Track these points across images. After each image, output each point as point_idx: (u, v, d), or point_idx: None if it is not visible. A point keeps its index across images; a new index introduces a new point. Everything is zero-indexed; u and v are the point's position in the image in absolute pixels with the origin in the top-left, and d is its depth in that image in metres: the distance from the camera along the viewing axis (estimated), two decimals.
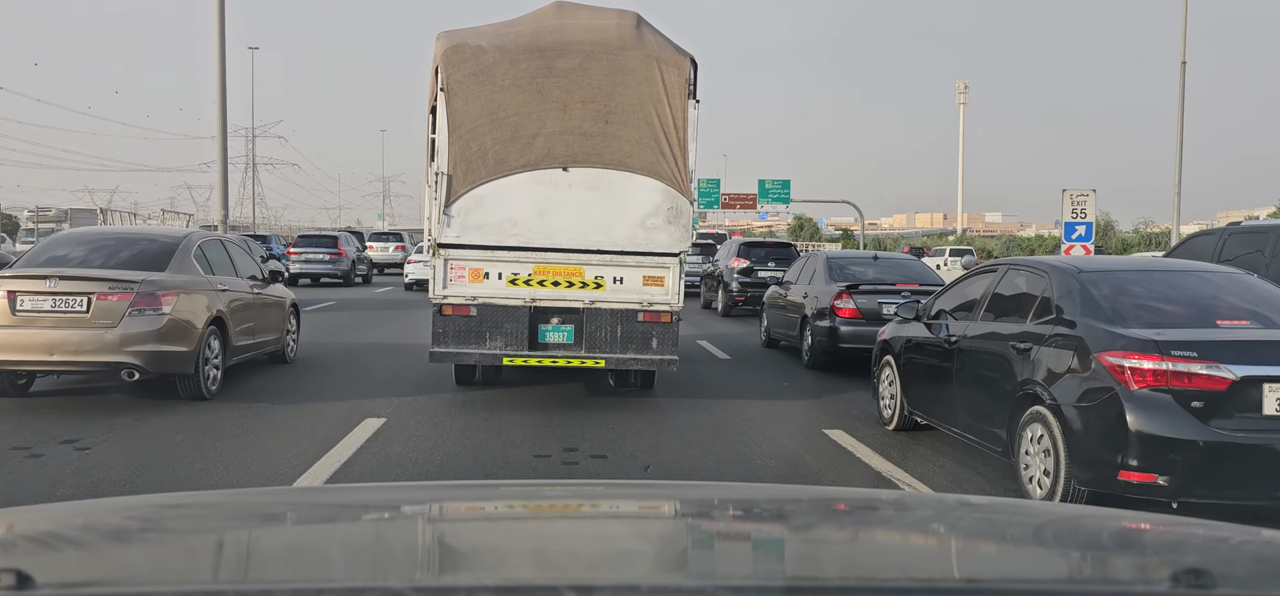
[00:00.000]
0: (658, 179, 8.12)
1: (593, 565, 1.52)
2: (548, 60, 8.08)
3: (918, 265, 12.44)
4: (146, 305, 7.74)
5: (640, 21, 8.55)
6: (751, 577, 1.48)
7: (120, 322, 7.61)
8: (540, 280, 8.21)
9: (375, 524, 1.79)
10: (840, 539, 1.80)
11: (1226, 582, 1.40)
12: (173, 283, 8.12)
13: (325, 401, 8.42)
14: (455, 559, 1.58)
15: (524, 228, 8.09)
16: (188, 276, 8.47)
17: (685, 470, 6.43)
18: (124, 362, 7.63)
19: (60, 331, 7.51)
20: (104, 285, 7.67)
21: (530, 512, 1.97)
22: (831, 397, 9.47)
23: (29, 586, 1.12)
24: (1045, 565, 1.64)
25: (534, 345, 8.28)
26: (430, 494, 2.37)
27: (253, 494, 2.70)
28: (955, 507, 2.21)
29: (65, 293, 7.58)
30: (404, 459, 6.43)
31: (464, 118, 8.02)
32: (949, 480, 6.31)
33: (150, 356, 7.72)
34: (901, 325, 7.92)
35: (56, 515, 1.78)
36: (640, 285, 8.28)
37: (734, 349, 13.33)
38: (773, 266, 18.76)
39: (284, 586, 1.26)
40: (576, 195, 8.04)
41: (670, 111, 8.14)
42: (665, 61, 8.21)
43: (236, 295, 9.28)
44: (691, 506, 2.09)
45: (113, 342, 7.55)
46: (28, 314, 7.55)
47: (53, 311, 7.56)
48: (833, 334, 10.83)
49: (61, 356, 7.53)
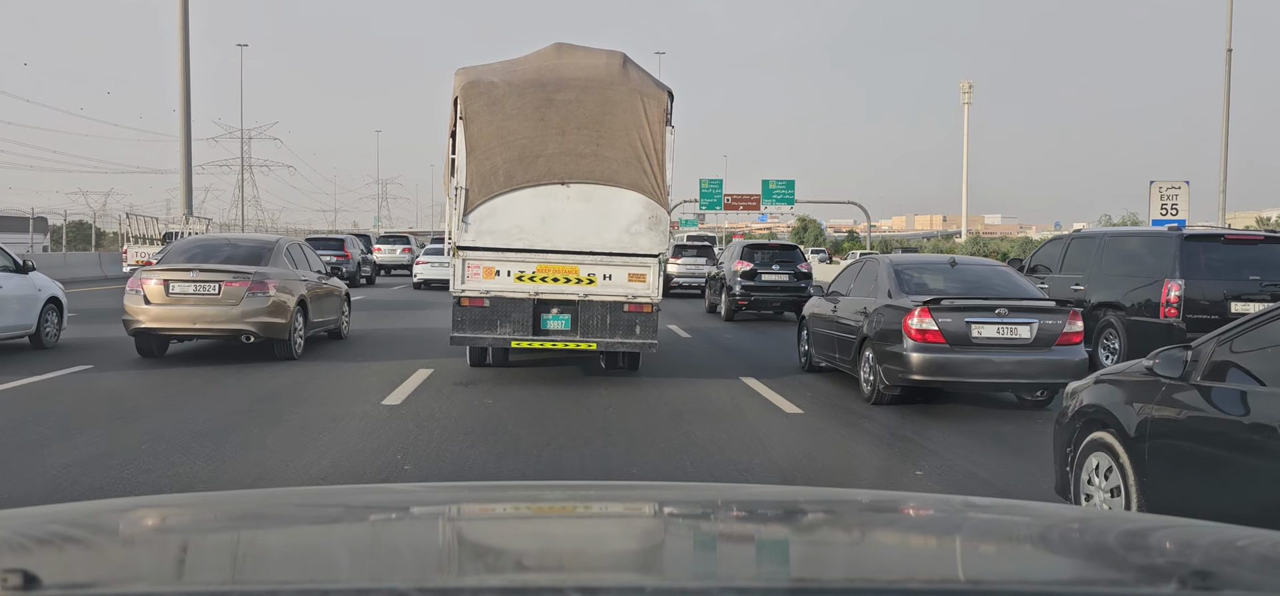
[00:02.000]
0: (640, 193, 9.66)
1: (597, 566, 1.55)
2: (549, 93, 9.64)
3: (1010, 275, 9.90)
4: (258, 289, 10.65)
5: (626, 61, 10.11)
6: (756, 578, 1.48)
7: (241, 302, 10.54)
8: (542, 277, 9.68)
9: (379, 525, 1.83)
10: (845, 540, 1.82)
11: (1232, 584, 1.41)
12: (273, 274, 11.02)
13: (383, 360, 11.23)
14: (460, 559, 1.61)
15: (529, 233, 9.60)
16: (282, 269, 11.37)
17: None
18: (244, 330, 10.58)
19: (200, 307, 10.47)
20: (229, 275, 10.59)
21: (534, 513, 1.99)
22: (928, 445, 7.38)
23: (35, 587, 1.14)
24: (1050, 567, 1.66)
25: (537, 331, 9.73)
26: (434, 495, 2.42)
27: (257, 494, 2.67)
28: (960, 509, 2.21)
29: (204, 280, 10.52)
30: (456, 389, 9.24)
31: (479, 141, 9.54)
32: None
33: (262, 325, 10.64)
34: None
35: (62, 515, 1.80)
36: (626, 281, 9.74)
37: (760, 366, 11.45)
38: (777, 269, 18.60)
39: (288, 587, 1.27)
40: (573, 206, 9.61)
41: (651, 136, 9.69)
42: (647, 94, 9.78)
43: (311, 284, 12.17)
44: (696, 507, 2.11)
45: (237, 315, 10.50)
46: (177, 295, 10.50)
47: (195, 294, 10.50)
48: (906, 361, 8.45)
49: (202, 325, 10.50)
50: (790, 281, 18.78)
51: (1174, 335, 10.38)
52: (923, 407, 8.89)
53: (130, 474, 5.89)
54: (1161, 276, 10.89)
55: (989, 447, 7.33)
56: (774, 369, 11.40)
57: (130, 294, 10.71)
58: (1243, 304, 10.58)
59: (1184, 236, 11.16)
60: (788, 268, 18.60)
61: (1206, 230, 12.65)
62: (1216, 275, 10.80)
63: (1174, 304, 10.67)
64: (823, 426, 8.13)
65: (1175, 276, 10.74)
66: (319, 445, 6.86)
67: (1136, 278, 11.40)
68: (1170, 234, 11.48)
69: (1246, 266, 10.94)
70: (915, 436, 7.70)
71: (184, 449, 6.59)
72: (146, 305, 10.51)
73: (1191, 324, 10.47)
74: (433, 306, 20.01)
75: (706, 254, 27.40)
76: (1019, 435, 7.85)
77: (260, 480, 5.87)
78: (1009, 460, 6.97)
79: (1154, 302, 10.91)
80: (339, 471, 6.14)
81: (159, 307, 10.45)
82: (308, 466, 6.25)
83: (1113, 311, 11.54)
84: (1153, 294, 10.94)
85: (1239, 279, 10.83)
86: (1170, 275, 10.80)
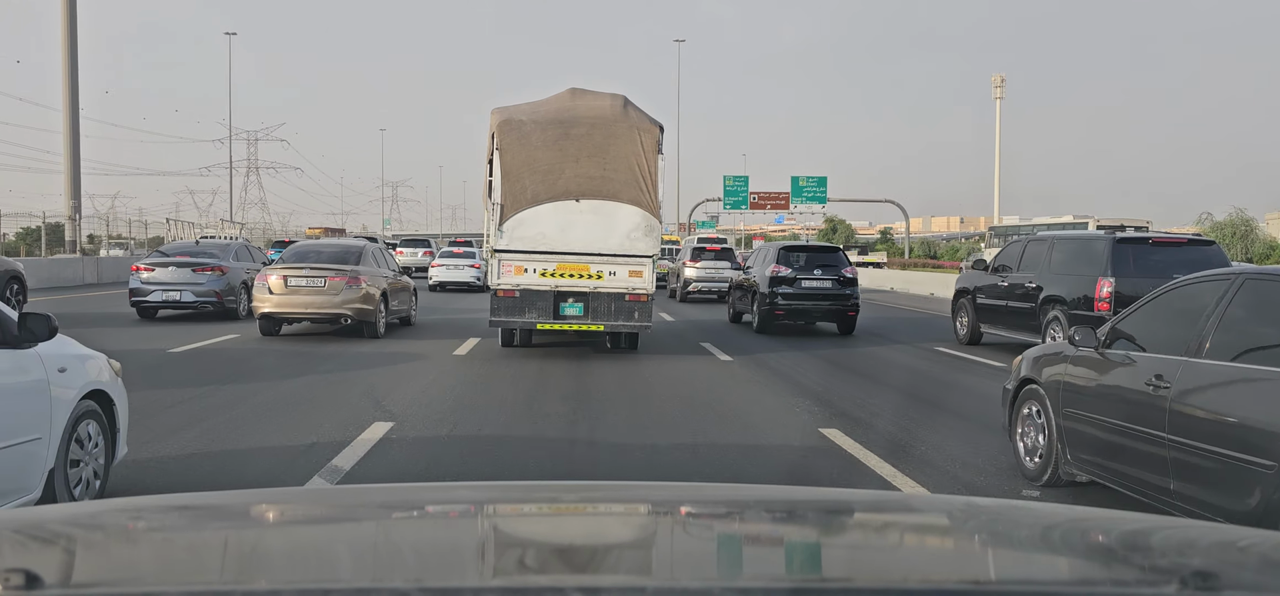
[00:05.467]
0: (637, 206, 12.10)
1: (598, 566, 1.56)
2: (566, 129, 12.16)
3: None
4: (354, 283, 14.16)
5: (626, 102, 12.62)
6: (757, 578, 1.50)
7: (341, 292, 14.06)
8: (561, 273, 12.09)
9: (381, 524, 1.85)
10: (846, 540, 1.86)
11: (1233, 585, 1.42)
12: (364, 271, 14.56)
13: (440, 338, 14.72)
14: (461, 559, 1.63)
15: (550, 238, 12.02)
16: (369, 268, 14.87)
17: None
18: (344, 314, 14.16)
19: (311, 296, 14.05)
20: (333, 271, 14.12)
21: (536, 513, 2.01)
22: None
23: (37, 586, 1.15)
24: (1051, 567, 1.67)
25: (556, 316, 12.18)
26: (436, 495, 2.47)
27: (258, 495, 2.80)
28: (960, 509, 2.24)
29: (313, 275, 14.07)
30: (493, 350, 12.77)
31: (511, 167, 12.01)
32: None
33: (358, 311, 14.19)
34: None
35: (63, 515, 1.80)
36: (627, 276, 12.15)
37: (849, 413, 8.61)
38: (819, 274, 16.57)
39: (290, 587, 1.28)
40: (584, 217, 12.07)
41: (646, 162, 12.19)
42: (642, 129, 12.29)
43: (389, 279, 15.61)
44: (697, 507, 2.12)
45: (339, 303, 14.07)
46: (293, 287, 14.08)
47: (307, 286, 14.05)
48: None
49: (313, 310, 14.10)
50: (833, 288, 16.60)
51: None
52: None
53: (317, 390, 9.32)
54: (1096, 275, 12.38)
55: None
56: (883, 418, 8.64)
57: (258, 286, 14.33)
58: None
59: (1115, 239, 12.56)
60: (830, 273, 16.67)
61: (1136, 234, 13.85)
62: (1144, 273, 11.75)
63: (1106, 298, 12.01)
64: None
65: (1107, 274, 12.20)
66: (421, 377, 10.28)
67: (1076, 275, 12.86)
68: (1104, 236, 12.85)
69: (1173, 266, 11.38)
70: None
71: (350, 382, 10.02)
72: (269, 294, 14.08)
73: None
74: (460, 299, 23.39)
75: (727, 257, 26.56)
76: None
77: (385, 399, 9.25)
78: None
79: (1090, 297, 12.36)
80: (452, 369, 9.70)
81: (279, 297, 14.00)
82: (437, 370, 9.70)
83: (1058, 305, 12.94)
84: (1089, 290, 12.41)
85: (1164, 276, 11.68)
86: (1103, 274, 12.26)
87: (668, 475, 6.45)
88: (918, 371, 12.52)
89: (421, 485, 4.31)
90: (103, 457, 5.36)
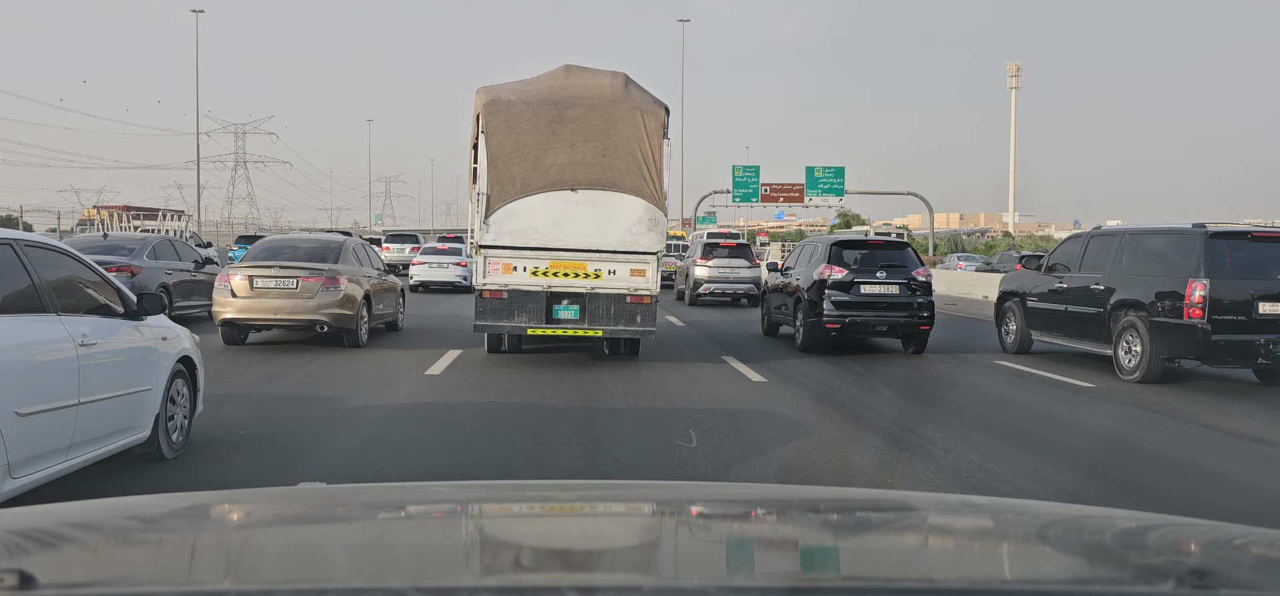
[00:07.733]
0: (640, 197, 10.85)
1: (595, 566, 1.56)
2: (560, 110, 10.82)
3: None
4: (331, 284, 12.69)
5: (628, 81, 11.29)
6: (754, 578, 1.51)
7: (316, 295, 12.59)
8: (554, 272, 10.84)
9: (377, 524, 1.86)
10: (843, 539, 1.86)
11: (1230, 583, 1.43)
12: (343, 270, 13.06)
13: (424, 348, 13.12)
14: (458, 559, 1.64)
15: (542, 233, 10.77)
16: (350, 267, 13.41)
17: None
18: (320, 320, 12.59)
19: (280, 300, 12.56)
20: (306, 271, 12.64)
21: (532, 513, 2.02)
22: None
23: (32, 586, 1.14)
24: (1049, 566, 1.68)
25: (549, 320, 10.87)
26: (433, 494, 2.45)
27: (255, 494, 2.81)
28: (958, 508, 2.27)
29: (283, 276, 12.60)
30: (473, 365, 11.29)
31: (498, 153, 10.71)
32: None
33: (335, 316, 12.66)
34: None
35: (58, 515, 1.81)
36: (628, 276, 10.88)
37: None
38: (883, 277, 13.15)
39: (286, 586, 1.28)
40: (581, 210, 10.79)
41: (650, 148, 10.91)
42: (646, 110, 10.98)
43: (373, 280, 14.17)
44: (694, 506, 2.13)
45: (313, 307, 12.55)
46: (260, 289, 12.58)
47: (276, 288, 12.59)
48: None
49: (282, 315, 12.59)
50: (902, 295, 13.22)
51: (1198, 337, 10.40)
52: None
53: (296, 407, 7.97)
54: (1186, 275, 10.66)
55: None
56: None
57: (219, 288, 12.69)
58: (1271, 304, 10.42)
59: (1209, 233, 10.78)
60: (897, 275, 13.25)
61: (1232, 228, 11.69)
62: (1243, 274, 10.58)
63: (1199, 304, 10.42)
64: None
65: (1200, 275, 10.49)
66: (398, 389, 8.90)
67: (1158, 276, 11.18)
68: (1194, 230, 10.98)
69: (1274, 265, 10.65)
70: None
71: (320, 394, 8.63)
72: (232, 298, 12.47)
73: (1217, 325, 10.37)
74: (448, 299, 21.58)
75: (744, 253, 23.77)
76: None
77: (361, 410, 7.95)
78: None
79: (1178, 301, 10.67)
80: (413, 399, 8.40)
81: (243, 300, 12.50)
82: (389, 401, 8.38)
83: (1134, 310, 11.29)
84: (1176, 292, 10.73)
85: (1266, 278, 10.59)
86: (1195, 274, 10.55)
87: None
88: (1001, 398, 10.23)
89: (419, 484, 4.30)
90: (189, 409, 6.55)
